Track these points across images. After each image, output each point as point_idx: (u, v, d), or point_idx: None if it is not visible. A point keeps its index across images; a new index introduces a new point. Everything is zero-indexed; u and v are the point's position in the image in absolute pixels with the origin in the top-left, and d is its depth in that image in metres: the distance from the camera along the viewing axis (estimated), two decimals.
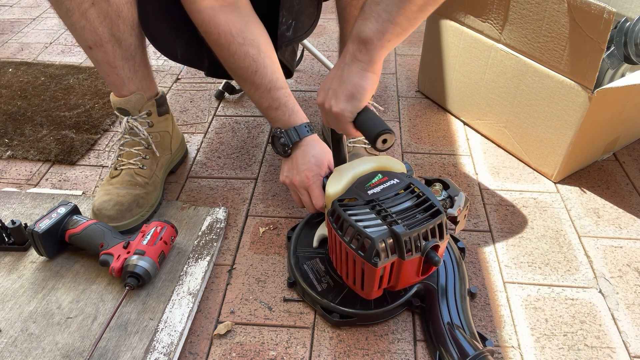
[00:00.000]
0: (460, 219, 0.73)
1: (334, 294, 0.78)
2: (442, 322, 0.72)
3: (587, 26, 0.87)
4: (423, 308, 0.77)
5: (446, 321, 0.72)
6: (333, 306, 0.77)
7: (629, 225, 0.95)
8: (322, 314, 0.78)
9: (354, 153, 1.02)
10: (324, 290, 0.79)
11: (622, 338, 0.76)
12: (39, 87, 1.41)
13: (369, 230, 0.65)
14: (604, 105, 0.95)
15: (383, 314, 0.77)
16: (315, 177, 0.84)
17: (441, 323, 0.72)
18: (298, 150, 0.87)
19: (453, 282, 0.78)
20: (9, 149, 1.17)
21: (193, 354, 0.75)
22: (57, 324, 0.76)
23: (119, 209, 0.90)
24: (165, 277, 0.83)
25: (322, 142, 0.88)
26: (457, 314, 0.73)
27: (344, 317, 0.76)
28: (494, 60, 1.09)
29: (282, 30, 0.92)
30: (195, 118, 1.29)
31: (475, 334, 0.72)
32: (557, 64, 0.96)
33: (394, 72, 1.47)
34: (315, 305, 0.79)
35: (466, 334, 0.71)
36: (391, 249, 0.65)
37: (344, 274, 0.74)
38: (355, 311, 0.76)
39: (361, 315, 0.76)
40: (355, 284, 0.72)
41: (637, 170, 1.08)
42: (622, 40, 0.93)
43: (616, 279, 0.85)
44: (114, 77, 0.92)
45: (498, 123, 1.13)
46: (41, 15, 1.90)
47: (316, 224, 0.90)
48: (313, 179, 0.84)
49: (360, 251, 0.66)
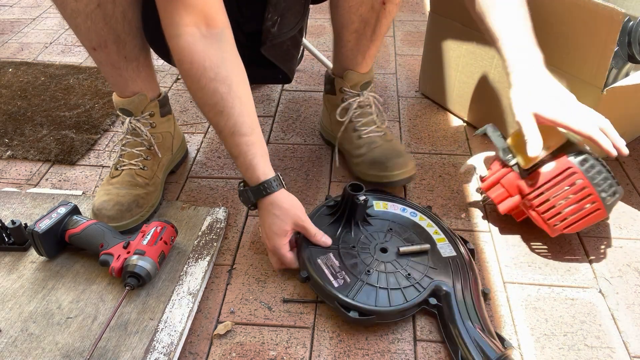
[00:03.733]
0: None
1: (351, 291, 0.77)
2: (462, 322, 0.73)
3: (595, 26, 0.88)
4: (440, 308, 0.77)
5: (465, 321, 0.73)
6: (352, 303, 0.75)
7: (629, 225, 0.95)
8: (338, 311, 0.76)
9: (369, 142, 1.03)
10: (341, 286, 0.78)
11: (622, 338, 0.76)
12: (39, 87, 1.41)
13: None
14: (613, 103, 0.95)
15: (402, 312, 0.76)
16: (279, 247, 0.81)
17: (461, 323, 0.73)
18: (260, 212, 0.82)
19: (468, 282, 0.79)
20: (9, 149, 1.17)
21: (193, 354, 0.75)
22: (57, 324, 0.76)
23: (119, 209, 0.90)
24: (165, 277, 0.83)
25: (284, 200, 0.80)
26: (475, 314, 0.74)
27: (363, 315, 0.75)
28: (498, 61, 1.09)
29: (268, 25, 0.90)
30: (195, 118, 1.29)
31: (494, 334, 0.72)
32: (565, 64, 0.96)
33: (394, 72, 1.47)
34: (332, 301, 0.77)
35: (485, 335, 0.71)
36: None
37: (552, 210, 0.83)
38: (374, 308, 0.75)
39: (380, 312, 0.75)
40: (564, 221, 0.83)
41: (637, 170, 1.08)
42: (625, 40, 0.93)
43: (616, 279, 0.85)
44: (117, 78, 0.92)
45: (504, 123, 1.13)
46: (41, 15, 1.90)
47: (328, 217, 0.90)
48: (276, 249, 0.81)
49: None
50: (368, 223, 0.89)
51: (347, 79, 1.03)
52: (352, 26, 0.95)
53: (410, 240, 0.86)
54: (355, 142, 1.04)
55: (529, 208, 0.86)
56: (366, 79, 1.03)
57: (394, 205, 0.93)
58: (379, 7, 0.91)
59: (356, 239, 0.86)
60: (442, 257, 0.83)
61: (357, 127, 1.04)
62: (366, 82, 1.04)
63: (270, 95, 1.37)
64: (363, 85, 1.03)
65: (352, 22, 0.95)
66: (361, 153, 1.03)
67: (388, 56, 1.55)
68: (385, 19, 0.94)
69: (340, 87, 1.05)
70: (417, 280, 0.79)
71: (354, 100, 1.04)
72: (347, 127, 1.06)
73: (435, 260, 0.83)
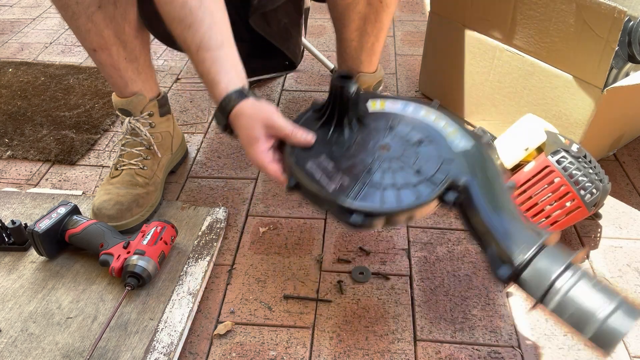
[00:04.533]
0: None
1: (350, 192, 0.64)
2: (489, 214, 0.61)
3: (596, 25, 0.88)
4: (461, 204, 0.65)
5: (492, 214, 0.61)
6: (354, 205, 0.62)
7: (629, 225, 0.95)
8: (337, 216, 0.64)
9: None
10: (338, 189, 0.64)
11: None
12: (39, 87, 1.41)
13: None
14: (613, 103, 0.95)
15: (413, 212, 0.64)
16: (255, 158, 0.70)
17: (488, 215, 0.61)
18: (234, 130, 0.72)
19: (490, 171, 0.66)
20: (9, 149, 1.17)
21: (193, 354, 0.75)
22: (57, 324, 0.76)
23: (118, 209, 0.90)
24: (165, 277, 0.83)
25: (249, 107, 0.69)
26: (504, 202, 0.63)
27: (368, 216, 0.62)
28: (499, 61, 1.09)
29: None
30: (195, 118, 1.29)
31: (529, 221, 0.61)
32: (565, 63, 0.96)
33: (394, 72, 1.47)
34: (329, 206, 0.64)
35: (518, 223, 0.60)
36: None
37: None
38: (381, 209, 0.62)
39: (389, 213, 0.62)
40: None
41: (637, 170, 1.08)
42: (625, 40, 0.93)
43: (616, 279, 0.85)
44: (117, 78, 0.92)
45: (504, 123, 1.13)
46: (41, 15, 1.90)
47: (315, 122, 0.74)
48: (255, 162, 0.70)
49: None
50: (363, 124, 0.73)
51: (359, 82, 1.02)
52: (352, 24, 0.95)
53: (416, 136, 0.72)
54: None
55: None
56: (377, 79, 1.03)
57: (393, 103, 0.77)
58: (376, 2, 0.91)
59: (351, 140, 0.71)
60: (457, 150, 0.69)
61: None
62: (377, 82, 1.03)
63: (270, 96, 1.37)
64: (375, 86, 1.03)
65: (352, 20, 0.94)
66: None
67: (388, 56, 1.55)
68: (384, 12, 0.93)
69: None
70: (430, 175, 0.66)
71: None
72: None
73: (449, 153, 0.69)
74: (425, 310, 0.80)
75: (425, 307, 0.81)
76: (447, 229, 0.95)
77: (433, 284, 0.85)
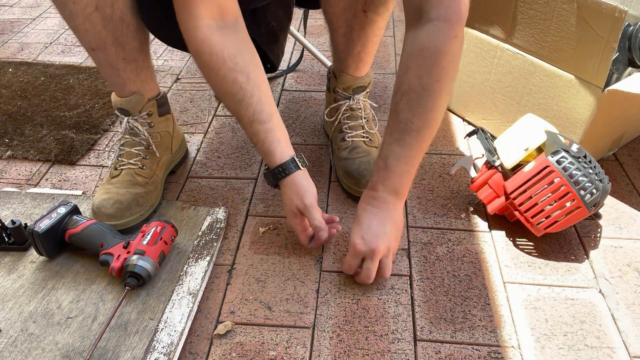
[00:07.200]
0: None
1: None
2: None
3: (597, 25, 0.88)
4: None
5: None
6: None
7: (629, 225, 0.95)
8: None
9: (353, 147, 1.02)
10: None
11: (622, 338, 0.76)
12: (39, 87, 1.41)
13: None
14: (614, 103, 0.95)
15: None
16: (290, 225, 0.87)
17: None
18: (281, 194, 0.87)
19: None
20: (9, 149, 1.17)
21: (193, 354, 0.75)
22: (57, 324, 0.76)
23: (118, 208, 0.90)
24: (165, 277, 0.83)
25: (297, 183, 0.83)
26: None
27: None
28: (499, 60, 1.09)
29: None
30: (195, 118, 1.29)
31: None
32: (566, 63, 0.96)
33: (394, 72, 1.47)
34: None
35: None
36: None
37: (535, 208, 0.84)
38: None
39: None
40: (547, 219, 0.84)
41: (637, 170, 1.08)
42: (626, 45, 0.93)
43: (616, 279, 0.85)
44: (116, 78, 0.92)
45: (505, 122, 1.13)
46: (41, 15, 1.90)
47: None
48: (291, 227, 0.87)
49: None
50: None
51: (340, 80, 1.03)
52: (340, 30, 0.97)
53: None
54: (340, 143, 1.05)
55: (514, 208, 0.87)
56: (359, 83, 1.03)
57: None
58: (361, 15, 0.92)
59: None
60: None
61: (343, 129, 1.05)
62: (359, 86, 1.03)
63: None
64: (355, 89, 1.03)
65: (339, 26, 0.96)
66: (342, 156, 1.03)
67: (388, 56, 1.55)
68: (369, 26, 0.94)
69: (334, 87, 1.05)
70: None
71: (344, 103, 1.04)
72: (336, 126, 1.07)
73: None
74: (425, 310, 0.80)
75: (425, 307, 0.81)
76: (447, 229, 0.95)
77: (433, 284, 0.85)
